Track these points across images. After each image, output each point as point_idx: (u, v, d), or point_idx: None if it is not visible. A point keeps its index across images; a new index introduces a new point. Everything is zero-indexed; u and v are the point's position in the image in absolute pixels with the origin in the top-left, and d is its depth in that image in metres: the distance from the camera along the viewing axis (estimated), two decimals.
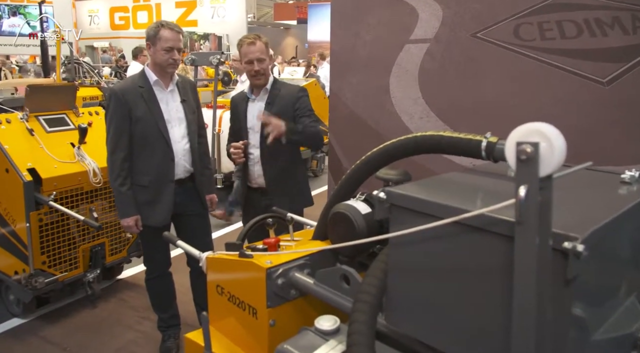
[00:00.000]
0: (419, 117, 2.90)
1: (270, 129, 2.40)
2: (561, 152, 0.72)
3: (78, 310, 3.39)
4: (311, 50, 20.04)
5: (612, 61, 2.51)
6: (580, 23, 2.60)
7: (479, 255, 0.90)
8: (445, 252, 0.97)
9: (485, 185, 1.14)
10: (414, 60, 2.86)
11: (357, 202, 1.46)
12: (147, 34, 2.46)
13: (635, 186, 1.12)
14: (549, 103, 2.71)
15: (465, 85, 2.86)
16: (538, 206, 0.72)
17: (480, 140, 1.14)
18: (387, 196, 1.07)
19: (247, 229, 1.86)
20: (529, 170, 0.72)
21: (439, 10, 2.79)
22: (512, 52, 2.74)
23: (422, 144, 1.28)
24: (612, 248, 0.96)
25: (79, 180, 3.12)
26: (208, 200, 2.79)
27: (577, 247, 0.75)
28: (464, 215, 0.86)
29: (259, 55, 2.53)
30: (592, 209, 0.95)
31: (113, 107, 2.45)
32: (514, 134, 0.75)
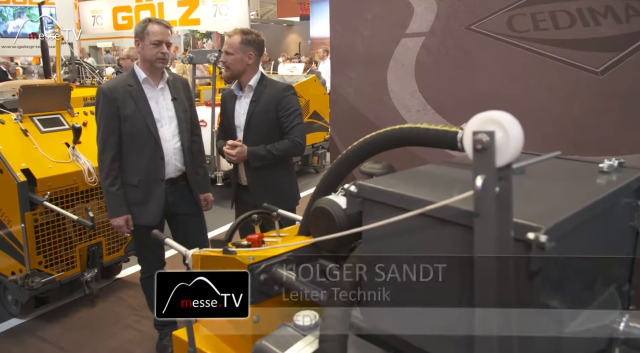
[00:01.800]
0: (416, 110, 2.88)
1: (235, 153, 2.52)
2: (518, 140, 0.70)
3: (76, 310, 3.40)
4: (314, 47, 19.99)
5: (606, 51, 2.48)
6: (573, 13, 2.57)
7: (445, 247, 0.89)
8: (414, 245, 0.96)
9: (461, 177, 1.12)
10: (410, 54, 2.85)
11: (338, 197, 1.44)
12: (135, 30, 2.46)
13: (614, 176, 1.10)
14: (544, 94, 2.68)
15: (461, 78, 2.84)
16: (496, 197, 0.70)
17: (456, 132, 1.12)
18: (359, 190, 1.06)
19: (234, 226, 1.85)
20: (485, 160, 0.70)
21: (434, 3, 2.77)
22: (506, 43, 2.71)
23: (399, 137, 1.26)
24: (585, 238, 0.94)
25: (74, 180, 3.13)
26: (203, 200, 2.78)
27: (540, 237, 0.73)
28: (428, 208, 0.84)
29: (226, 48, 2.58)
30: (564, 199, 0.93)
31: (102, 106, 2.44)
32: (471, 123, 0.73)
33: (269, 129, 2.59)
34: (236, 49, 2.52)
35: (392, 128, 1.30)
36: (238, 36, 2.52)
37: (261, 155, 2.56)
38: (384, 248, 1.03)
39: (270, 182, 2.64)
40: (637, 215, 1.15)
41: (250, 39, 2.53)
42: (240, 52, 2.52)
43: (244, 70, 2.55)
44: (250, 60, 2.55)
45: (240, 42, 2.52)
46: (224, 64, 2.59)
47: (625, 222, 1.13)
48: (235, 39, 2.52)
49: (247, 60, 2.54)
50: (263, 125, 2.59)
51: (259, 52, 2.60)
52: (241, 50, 2.52)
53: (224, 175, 5.84)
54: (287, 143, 2.58)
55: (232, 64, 2.54)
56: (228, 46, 2.54)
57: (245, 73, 2.56)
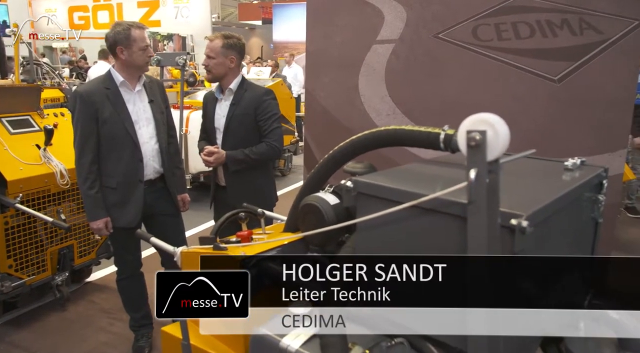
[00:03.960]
0: (386, 114, 3.02)
1: (212, 159, 2.59)
2: (505, 138, 0.81)
3: (47, 314, 3.35)
4: (276, 51, 20.03)
5: (563, 60, 2.68)
6: (533, 24, 2.76)
7: (437, 235, 0.99)
8: (407, 234, 1.06)
9: (443, 173, 1.24)
10: (380, 60, 2.99)
11: (325, 194, 1.54)
12: (115, 38, 2.44)
13: (577, 172, 1.24)
14: (507, 99, 2.86)
15: (428, 83, 2.99)
16: (487, 187, 0.81)
17: (439, 133, 1.23)
18: (354, 185, 1.15)
19: (220, 224, 1.91)
20: (478, 155, 0.81)
21: (403, 12, 2.91)
22: (471, 51, 2.89)
23: (385, 138, 1.36)
24: (556, 226, 1.06)
25: (45, 182, 3.09)
26: (180, 200, 2.81)
27: (522, 223, 0.85)
28: (422, 199, 0.95)
29: (208, 51, 2.63)
30: (538, 192, 1.05)
31: (79, 109, 2.44)
32: (465, 123, 0.84)
33: (247, 132, 2.66)
34: (218, 53, 2.57)
35: (378, 129, 1.40)
36: (219, 40, 2.58)
37: (239, 159, 2.62)
38: (378, 239, 1.12)
39: (249, 184, 2.70)
40: (596, 207, 1.29)
41: (231, 43, 2.59)
42: (222, 56, 2.58)
43: (225, 74, 2.61)
44: (232, 64, 2.61)
45: (222, 46, 2.57)
46: (206, 67, 2.64)
47: (587, 214, 1.27)
48: (217, 43, 2.58)
49: (229, 63, 2.60)
50: (242, 128, 2.65)
51: (240, 56, 2.66)
52: (223, 54, 2.58)
53: (191, 178, 5.83)
54: (264, 147, 2.65)
55: (214, 67, 2.59)
56: (210, 50, 2.59)
57: (227, 76, 2.62)
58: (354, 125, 3.06)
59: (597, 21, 2.54)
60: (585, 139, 2.68)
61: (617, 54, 2.51)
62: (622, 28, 2.51)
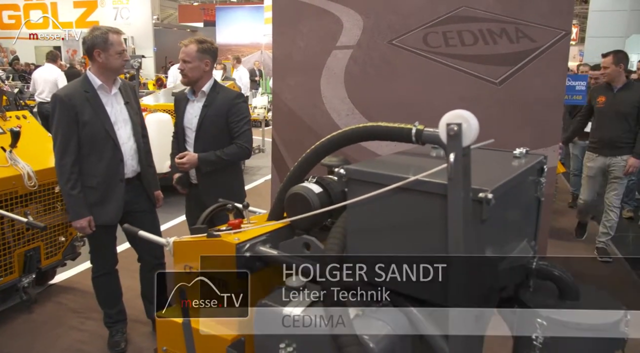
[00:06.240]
0: (345, 114, 3.26)
1: (185, 161, 2.76)
2: (476, 129, 1.05)
3: (13, 317, 3.34)
4: (220, 53, 19.88)
5: (502, 65, 3.02)
6: (476, 33, 3.08)
7: (419, 212, 1.22)
8: (392, 213, 1.28)
9: (414, 162, 1.48)
10: (340, 64, 3.23)
11: (310, 184, 1.74)
12: (94, 41, 2.53)
13: (523, 159, 1.52)
14: (454, 100, 3.17)
15: (384, 86, 3.26)
16: (462, 167, 1.05)
17: (411, 128, 1.46)
18: (346, 172, 1.37)
19: (206, 215, 2.07)
20: (455, 142, 1.04)
21: (360, 20, 3.17)
22: (422, 57, 3.18)
23: (364, 133, 1.59)
24: (511, 200, 1.33)
25: (12, 184, 3.10)
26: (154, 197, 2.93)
27: (488, 195, 1.10)
28: (408, 180, 1.18)
29: (183, 56, 2.76)
30: (496, 173, 1.31)
31: (59, 113, 2.51)
32: (445, 118, 1.08)
33: (218, 132, 2.81)
34: (193, 57, 2.71)
35: (356, 126, 1.62)
36: (194, 45, 2.72)
37: (211, 160, 2.78)
38: (367, 218, 1.34)
39: (220, 182, 2.85)
40: (539, 188, 1.58)
41: (206, 47, 2.74)
42: (197, 60, 2.72)
43: (200, 77, 2.75)
44: (207, 67, 2.76)
45: (197, 51, 2.71)
46: (181, 71, 2.76)
47: (532, 193, 1.55)
48: (192, 48, 2.71)
49: (204, 67, 2.74)
50: (213, 128, 2.80)
51: (214, 59, 2.81)
52: (198, 58, 2.72)
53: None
54: (235, 148, 2.81)
55: (190, 71, 2.73)
56: (185, 55, 2.72)
57: (201, 79, 2.76)
58: (317, 124, 3.28)
59: (531, 31, 2.89)
60: (523, 135, 3.01)
61: (548, 60, 2.87)
62: (552, 37, 2.87)
